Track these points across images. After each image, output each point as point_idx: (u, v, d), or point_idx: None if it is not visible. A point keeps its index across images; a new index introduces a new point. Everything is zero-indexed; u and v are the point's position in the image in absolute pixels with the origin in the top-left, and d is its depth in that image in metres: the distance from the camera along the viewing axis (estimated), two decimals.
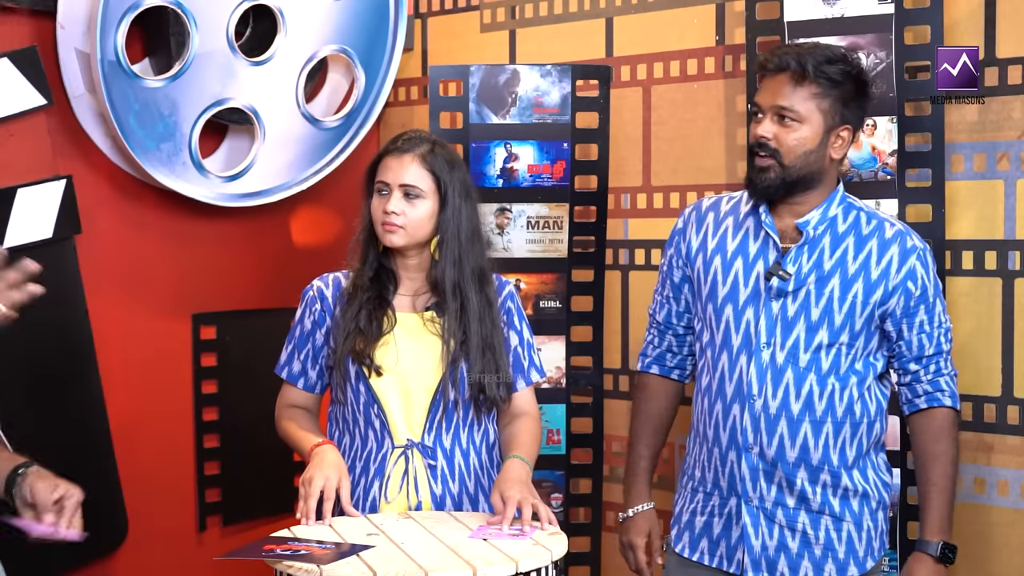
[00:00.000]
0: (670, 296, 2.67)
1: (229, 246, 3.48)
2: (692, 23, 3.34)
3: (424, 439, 2.53)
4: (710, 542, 2.56)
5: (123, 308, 3.28)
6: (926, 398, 2.53)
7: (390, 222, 2.52)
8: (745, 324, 2.49)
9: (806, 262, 2.47)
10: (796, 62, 2.41)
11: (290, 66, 3.41)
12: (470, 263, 2.56)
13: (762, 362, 2.47)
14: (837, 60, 2.43)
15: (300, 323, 2.63)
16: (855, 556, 2.50)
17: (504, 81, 3.32)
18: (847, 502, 2.50)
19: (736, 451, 2.50)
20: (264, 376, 2.68)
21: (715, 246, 2.56)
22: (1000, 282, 2.91)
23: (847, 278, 2.46)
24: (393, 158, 2.55)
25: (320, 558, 2.11)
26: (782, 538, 2.49)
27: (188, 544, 3.44)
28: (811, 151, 2.43)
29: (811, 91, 2.42)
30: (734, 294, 2.52)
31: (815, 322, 2.46)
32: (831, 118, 2.43)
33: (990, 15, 2.89)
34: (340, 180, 3.57)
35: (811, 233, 2.47)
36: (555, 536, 2.27)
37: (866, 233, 2.50)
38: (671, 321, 2.68)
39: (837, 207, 2.51)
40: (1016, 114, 2.88)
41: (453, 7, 3.79)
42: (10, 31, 2.99)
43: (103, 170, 3.20)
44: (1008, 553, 2.91)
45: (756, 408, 2.48)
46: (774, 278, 2.46)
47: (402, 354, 2.53)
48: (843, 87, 2.43)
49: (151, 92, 3.16)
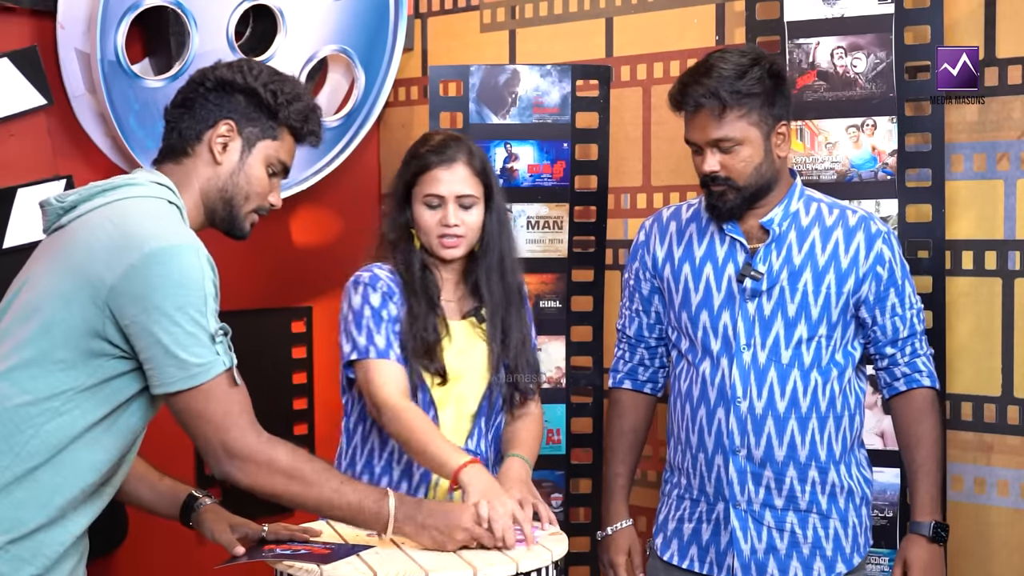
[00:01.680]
0: (639, 310, 2.66)
1: (229, 246, 3.48)
2: (692, 23, 3.34)
3: (467, 444, 2.48)
4: (699, 548, 2.56)
5: None
6: (905, 380, 2.53)
7: (452, 234, 2.46)
8: (723, 328, 2.49)
9: (776, 260, 2.47)
10: (711, 97, 2.37)
11: (290, 66, 3.40)
12: (509, 262, 2.53)
13: (744, 363, 2.47)
14: (745, 71, 2.39)
15: (365, 303, 2.45)
16: (843, 553, 2.50)
17: (504, 81, 3.32)
18: (834, 499, 2.50)
19: (723, 455, 2.49)
20: (264, 376, 2.67)
21: (682, 254, 2.56)
22: (1000, 282, 2.91)
23: (819, 270, 2.46)
24: (443, 169, 2.47)
25: (320, 558, 2.11)
26: (771, 540, 2.48)
27: (188, 544, 3.44)
28: (760, 164, 2.42)
29: (736, 115, 2.39)
30: (708, 299, 2.51)
31: (793, 318, 2.46)
32: (765, 125, 2.42)
33: (990, 15, 2.89)
34: (340, 180, 3.57)
35: (777, 230, 2.47)
36: (555, 536, 2.27)
37: (830, 224, 2.49)
38: (642, 334, 2.67)
39: (798, 201, 2.51)
40: (1016, 114, 2.88)
41: (453, 7, 3.79)
42: (10, 31, 2.99)
43: (103, 170, 3.19)
44: (1008, 553, 2.91)
45: (742, 410, 2.47)
46: (747, 279, 2.45)
47: (454, 360, 2.49)
48: (762, 92, 2.39)
49: (151, 92, 3.15)
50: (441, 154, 2.48)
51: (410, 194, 2.51)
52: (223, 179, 2.15)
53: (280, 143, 2.18)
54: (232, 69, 2.17)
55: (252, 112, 2.15)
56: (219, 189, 2.15)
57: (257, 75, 2.16)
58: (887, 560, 2.93)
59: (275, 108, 2.15)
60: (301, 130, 2.20)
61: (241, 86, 2.14)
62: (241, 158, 2.15)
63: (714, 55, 2.45)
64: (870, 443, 2.94)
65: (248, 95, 2.14)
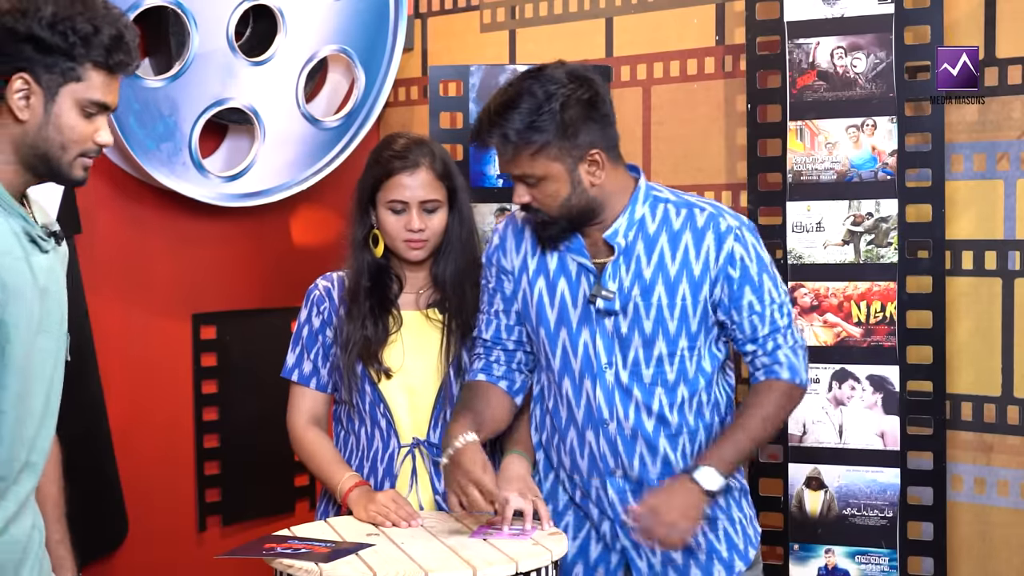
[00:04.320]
0: (499, 310, 2.50)
1: (229, 246, 3.49)
2: (692, 23, 3.34)
3: (430, 436, 2.53)
4: (586, 567, 2.46)
5: (123, 308, 3.28)
6: (764, 371, 2.38)
7: (416, 239, 2.51)
8: (584, 347, 2.37)
9: (626, 275, 2.35)
10: (502, 139, 2.25)
11: (290, 66, 3.41)
12: (469, 257, 2.58)
13: (608, 384, 2.37)
14: (540, 106, 2.23)
15: (307, 323, 2.60)
16: (737, 551, 2.42)
17: (504, 81, 3.31)
18: (715, 501, 2.37)
19: (599, 477, 2.40)
20: (264, 376, 2.68)
21: (536, 266, 2.44)
22: (1000, 282, 2.91)
23: (671, 282, 2.34)
24: (406, 175, 2.50)
25: (320, 557, 2.11)
26: (666, 554, 2.38)
27: (188, 544, 3.44)
28: (568, 197, 2.29)
29: (529, 153, 2.25)
30: (565, 317, 2.40)
31: (650, 335, 2.34)
32: (571, 159, 2.27)
33: (990, 15, 2.89)
34: (340, 180, 3.56)
35: (622, 243, 2.35)
36: (555, 536, 2.27)
37: (678, 227, 2.36)
38: (499, 337, 2.50)
39: (643, 206, 2.36)
40: (1016, 114, 2.88)
41: (453, 7, 3.79)
42: None
43: (103, 170, 3.19)
44: (1008, 553, 2.91)
45: (611, 432, 2.37)
46: (598, 299, 2.34)
47: (408, 353, 2.54)
48: (557, 127, 2.24)
49: (151, 92, 3.16)
50: (404, 159, 2.51)
51: (374, 198, 2.54)
52: (32, 135, 1.98)
53: (87, 83, 1.98)
54: (14, 15, 1.95)
55: (46, 58, 1.95)
56: (30, 145, 1.99)
57: (40, 17, 1.94)
58: (887, 560, 2.93)
59: (69, 49, 1.95)
60: (107, 63, 1.99)
61: (24, 34, 1.94)
62: (46, 110, 1.97)
63: (511, 88, 2.29)
64: (869, 443, 2.95)
65: (36, 43, 1.94)
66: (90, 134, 2.01)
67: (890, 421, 2.94)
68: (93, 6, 1.99)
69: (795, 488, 3.03)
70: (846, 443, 2.98)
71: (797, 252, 3.03)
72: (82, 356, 3.13)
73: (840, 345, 2.99)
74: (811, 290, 3.02)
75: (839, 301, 2.98)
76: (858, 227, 2.98)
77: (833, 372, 2.99)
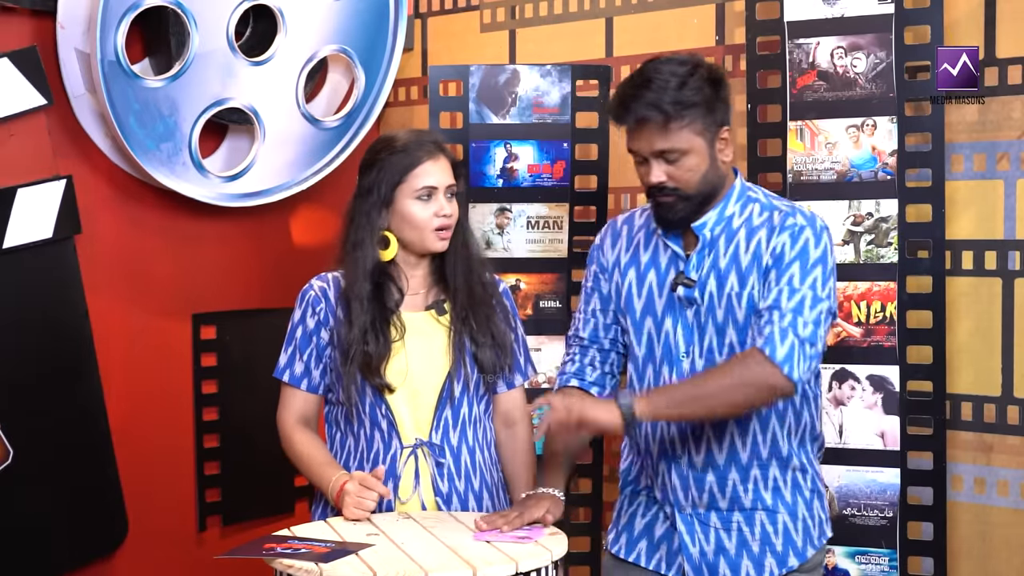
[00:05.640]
0: (597, 309, 2.58)
1: (229, 246, 3.49)
2: (692, 23, 3.34)
3: (432, 437, 2.53)
4: (649, 544, 2.52)
5: (123, 308, 3.29)
6: (749, 344, 2.36)
7: (446, 224, 2.52)
8: (665, 335, 2.46)
9: (707, 265, 2.42)
10: (655, 111, 2.33)
11: (290, 66, 3.41)
12: (474, 250, 2.60)
13: (683, 371, 2.43)
14: (685, 80, 2.33)
15: (301, 323, 2.59)
16: (793, 546, 2.46)
17: (504, 81, 3.32)
18: (779, 494, 2.44)
19: (666, 462, 2.47)
20: (264, 376, 2.67)
21: (628, 260, 2.53)
22: (1000, 282, 2.91)
23: (742, 272, 2.40)
24: (432, 162, 2.52)
25: (320, 557, 2.11)
26: (719, 541, 2.45)
27: (188, 544, 3.44)
28: (707, 171, 2.38)
29: (680, 124, 2.33)
30: (651, 306, 2.48)
31: (721, 323, 2.41)
32: (709, 133, 2.37)
33: (990, 15, 2.89)
34: (340, 180, 3.56)
35: (707, 236, 2.42)
36: (555, 536, 2.27)
37: (757, 224, 2.42)
38: (597, 335, 2.58)
39: (735, 204, 2.44)
40: (1016, 114, 2.88)
41: (453, 7, 3.79)
42: (10, 31, 3.00)
43: (103, 170, 3.20)
44: (1008, 553, 2.91)
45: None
46: (679, 287, 2.42)
47: (411, 358, 2.52)
48: (703, 101, 2.34)
49: (151, 92, 3.16)
50: (427, 148, 2.53)
51: (392, 194, 2.52)
52: None
53: None
54: None
55: None
56: None
57: None
58: (887, 560, 2.93)
59: None
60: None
61: None
62: None
63: (649, 66, 2.39)
64: (869, 443, 2.95)
65: None
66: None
67: (890, 421, 2.94)
68: None
69: None
70: (846, 443, 2.98)
71: None
72: (82, 356, 3.13)
73: (840, 345, 2.98)
74: None
75: (839, 301, 2.98)
76: (858, 227, 2.98)
77: (833, 372, 2.99)
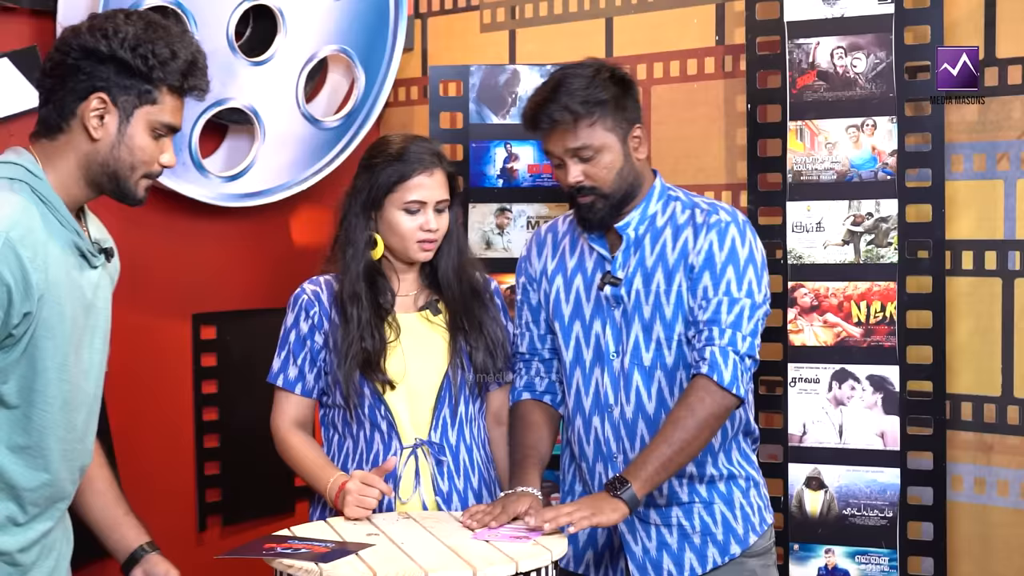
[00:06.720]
0: (529, 321, 2.63)
1: (229, 246, 3.48)
2: (692, 23, 3.34)
3: (431, 436, 2.53)
4: (595, 553, 2.55)
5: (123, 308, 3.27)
6: (694, 367, 2.38)
7: (430, 239, 2.53)
8: (595, 337, 2.50)
9: (631, 263, 2.48)
10: (564, 112, 2.39)
11: (290, 66, 3.41)
12: (466, 255, 2.62)
13: (614, 371, 2.48)
14: (591, 80, 2.41)
15: (295, 327, 2.59)
16: (734, 534, 2.48)
17: (504, 81, 3.33)
18: (714, 486, 2.49)
19: (603, 462, 2.51)
20: (264, 376, 2.67)
21: (555, 267, 2.58)
22: (1000, 282, 2.91)
23: (669, 269, 2.45)
24: (426, 175, 2.52)
25: (320, 557, 2.11)
26: (660, 537, 2.48)
27: (188, 544, 3.44)
28: (622, 168, 2.45)
29: (590, 122, 2.41)
30: (579, 310, 2.53)
31: (648, 321, 2.45)
32: (620, 131, 2.44)
33: (990, 15, 2.89)
34: (340, 180, 3.55)
35: (631, 236, 2.48)
36: (555, 536, 2.27)
37: (682, 222, 2.48)
38: (535, 347, 2.63)
39: (657, 203, 2.51)
40: (1016, 114, 2.88)
41: (453, 7, 3.79)
42: (10, 31, 2.99)
43: None
44: (1008, 553, 2.91)
45: (615, 417, 2.48)
46: (607, 286, 2.47)
47: (409, 358, 2.54)
48: (611, 98, 2.42)
49: None
50: (423, 161, 2.53)
51: (382, 201, 2.54)
52: (103, 154, 2.03)
53: (161, 106, 2.05)
54: (96, 35, 2.00)
55: (124, 80, 2.00)
56: (100, 164, 2.04)
57: (123, 40, 1.99)
58: (887, 560, 2.93)
59: (148, 72, 2.00)
60: (182, 87, 2.06)
61: (107, 55, 1.99)
62: (120, 130, 2.02)
63: (557, 73, 2.47)
64: (869, 443, 2.95)
65: (117, 63, 1.99)
66: (157, 155, 2.07)
67: (890, 421, 2.94)
68: (170, 31, 2.05)
69: (795, 488, 3.03)
70: (846, 443, 2.98)
71: (797, 252, 3.03)
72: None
73: (840, 345, 2.99)
74: (811, 290, 3.02)
75: (839, 301, 2.98)
76: (858, 227, 2.98)
77: (833, 372, 2.99)
